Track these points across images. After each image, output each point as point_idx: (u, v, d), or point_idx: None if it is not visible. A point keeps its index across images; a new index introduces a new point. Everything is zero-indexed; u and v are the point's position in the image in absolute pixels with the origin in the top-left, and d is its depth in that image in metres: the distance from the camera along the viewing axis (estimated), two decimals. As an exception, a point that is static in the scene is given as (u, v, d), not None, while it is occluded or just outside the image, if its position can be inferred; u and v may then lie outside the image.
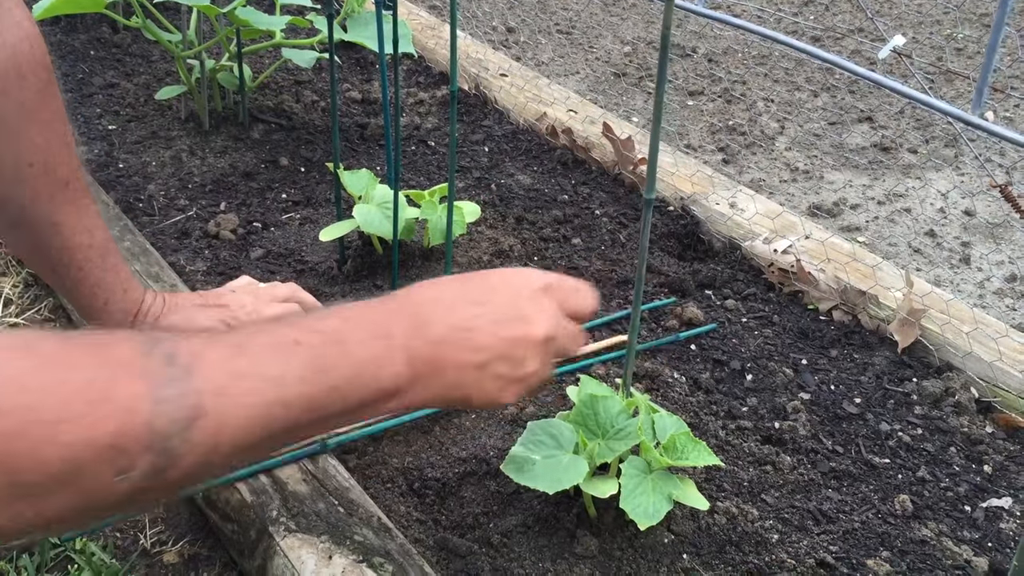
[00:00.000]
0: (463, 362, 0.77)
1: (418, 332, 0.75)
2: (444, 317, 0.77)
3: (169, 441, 0.57)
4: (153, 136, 1.83)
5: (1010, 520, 1.11)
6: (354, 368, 0.70)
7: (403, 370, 0.73)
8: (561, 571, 0.99)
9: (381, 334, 0.72)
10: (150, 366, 0.58)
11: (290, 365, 0.65)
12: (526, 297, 0.81)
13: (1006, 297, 1.86)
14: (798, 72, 2.81)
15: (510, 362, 0.79)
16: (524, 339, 0.80)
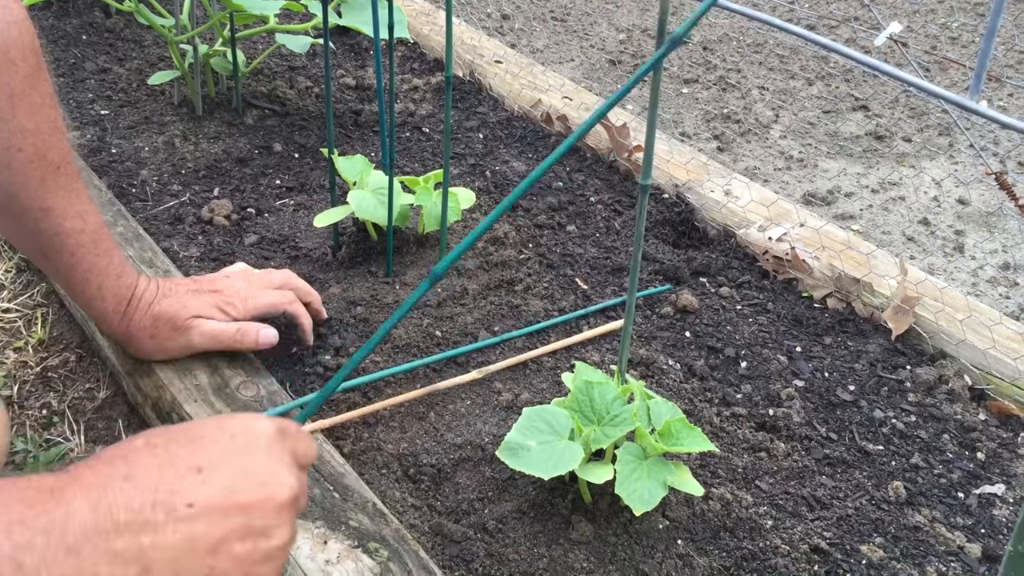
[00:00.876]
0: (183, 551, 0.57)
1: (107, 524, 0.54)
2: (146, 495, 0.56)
3: None
4: (146, 121, 1.82)
5: (1003, 507, 1.12)
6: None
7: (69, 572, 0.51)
8: (556, 557, 0.99)
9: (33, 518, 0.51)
10: None
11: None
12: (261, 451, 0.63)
13: (999, 285, 1.86)
14: (793, 60, 2.81)
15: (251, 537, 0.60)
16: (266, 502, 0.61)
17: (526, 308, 1.37)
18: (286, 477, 0.63)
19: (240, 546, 0.59)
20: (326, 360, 1.24)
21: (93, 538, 0.53)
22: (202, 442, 0.61)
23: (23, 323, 1.40)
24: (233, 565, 0.59)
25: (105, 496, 0.55)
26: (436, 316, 1.34)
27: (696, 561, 1.00)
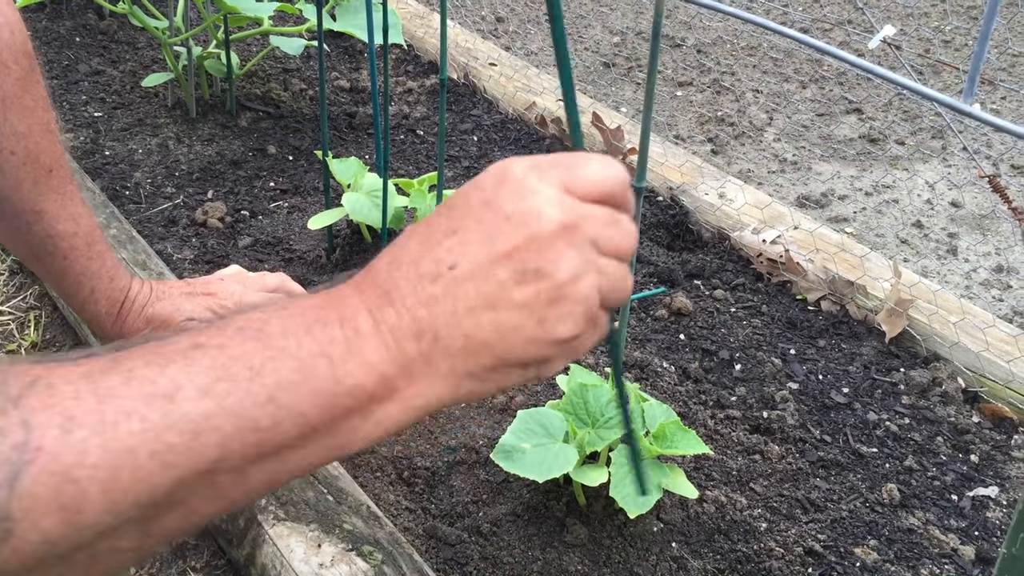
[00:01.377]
0: (460, 311, 0.54)
1: (385, 301, 0.54)
2: (412, 271, 0.55)
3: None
4: (140, 123, 1.82)
5: (996, 509, 1.12)
6: (297, 366, 0.50)
7: (379, 355, 0.52)
8: (551, 559, 0.99)
9: (330, 319, 0.53)
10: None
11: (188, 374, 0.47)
12: (512, 191, 0.56)
13: (992, 288, 1.87)
14: (787, 63, 2.82)
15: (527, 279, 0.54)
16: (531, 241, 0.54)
17: (520, 311, 1.36)
18: (545, 208, 0.55)
19: (518, 292, 0.54)
20: (320, 363, 1.23)
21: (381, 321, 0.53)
22: (456, 204, 0.57)
23: (16, 326, 1.39)
24: (520, 314, 0.54)
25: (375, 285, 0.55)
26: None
27: (690, 564, 1.00)
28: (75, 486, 0.42)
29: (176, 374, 0.47)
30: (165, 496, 0.46)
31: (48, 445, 0.42)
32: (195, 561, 1.05)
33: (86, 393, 0.44)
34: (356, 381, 0.51)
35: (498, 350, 0.54)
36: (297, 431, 0.49)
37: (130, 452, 0.44)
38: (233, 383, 0.48)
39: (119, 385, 0.45)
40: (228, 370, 0.48)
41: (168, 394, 0.46)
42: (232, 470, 0.48)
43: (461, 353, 0.54)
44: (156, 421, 0.45)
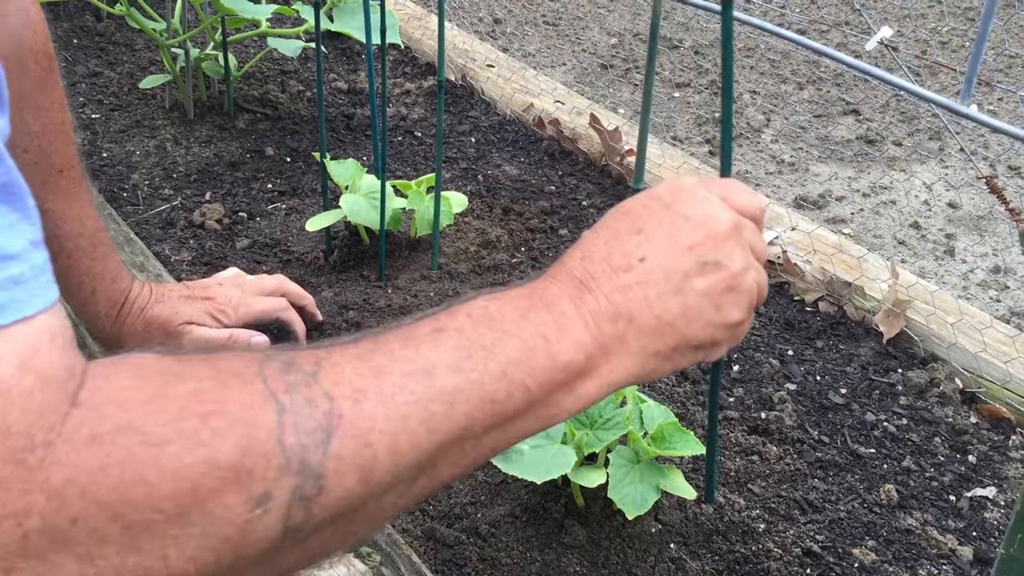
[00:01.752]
0: (652, 297, 0.62)
1: (584, 289, 0.62)
2: (604, 263, 0.63)
3: (307, 456, 0.47)
4: (137, 125, 1.82)
5: (994, 509, 1.12)
6: (521, 345, 0.56)
7: (584, 335, 0.59)
8: (549, 561, 0.99)
9: (539, 306, 0.60)
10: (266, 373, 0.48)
11: (438, 353, 0.54)
12: (687, 199, 0.67)
13: (990, 289, 1.87)
14: (784, 64, 2.82)
15: (707, 271, 0.64)
16: (708, 239, 0.64)
17: (518, 312, 1.36)
18: (719, 212, 0.66)
19: (701, 281, 0.64)
20: (318, 364, 1.23)
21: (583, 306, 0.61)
22: (635, 210, 0.67)
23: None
24: (702, 299, 0.63)
25: (571, 276, 0.63)
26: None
27: (689, 565, 1.00)
28: (369, 449, 0.49)
29: (429, 354, 0.54)
30: (428, 459, 0.52)
31: (347, 413, 0.49)
32: (193, 563, 1.05)
33: (364, 371, 0.51)
34: (569, 358, 0.58)
35: (683, 331, 0.63)
36: (523, 402, 0.56)
37: (405, 419, 0.51)
38: (474, 361, 0.55)
39: (387, 364, 0.52)
40: (469, 350, 0.55)
41: (427, 370, 0.53)
42: (473, 437, 0.55)
43: (651, 333, 0.62)
44: (421, 393, 0.52)
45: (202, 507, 0.44)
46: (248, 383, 0.48)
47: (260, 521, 0.45)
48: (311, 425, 0.47)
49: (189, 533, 0.44)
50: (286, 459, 0.46)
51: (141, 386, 0.45)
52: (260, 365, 0.49)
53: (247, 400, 0.47)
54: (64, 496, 0.41)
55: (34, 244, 0.45)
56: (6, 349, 0.41)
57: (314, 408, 0.48)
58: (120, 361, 0.47)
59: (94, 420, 0.43)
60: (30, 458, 0.41)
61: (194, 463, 0.44)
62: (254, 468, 0.45)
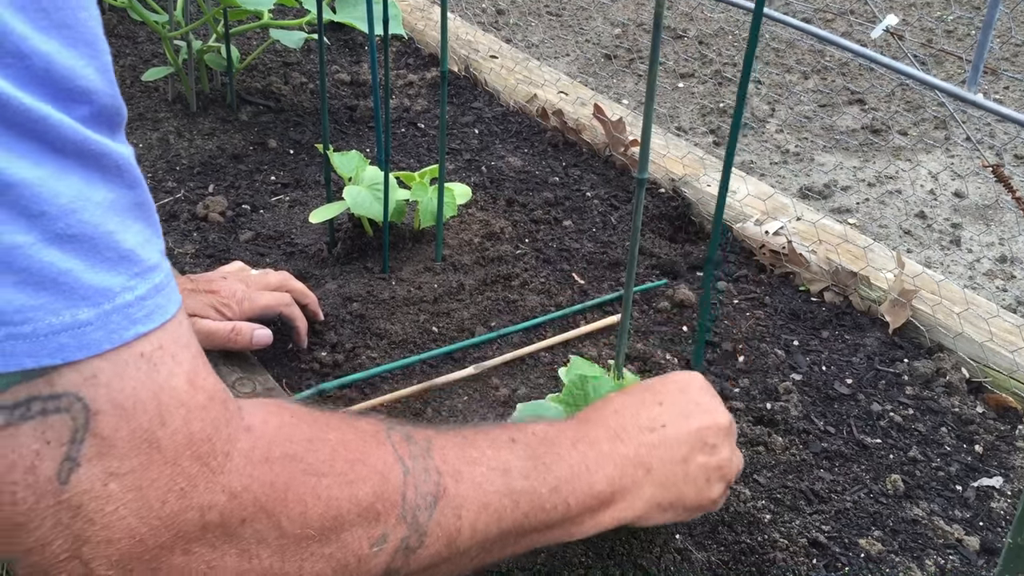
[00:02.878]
0: (667, 458, 0.77)
1: (617, 437, 0.75)
2: (634, 421, 0.78)
3: (419, 515, 0.57)
4: (140, 118, 1.81)
5: (1001, 499, 1.12)
6: (570, 469, 0.69)
7: (614, 473, 0.73)
8: (554, 552, 0.99)
9: (585, 440, 0.73)
10: (393, 439, 0.59)
11: (512, 459, 0.66)
12: (697, 390, 0.84)
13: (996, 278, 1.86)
14: (789, 54, 2.81)
15: (707, 451, 0.80)
16: (712, 426, 0.81)
17: (523, 303, 1.36)
18: (722, 408, 0.83)
19: (701, 457, 0.79)
20: (322, 357, 1.23)
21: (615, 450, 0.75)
22: (655, 388, 0.83)
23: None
24: (698, 471, 0.78)
25: (607, 425, 0.77)
26: (432, 312, 1.33)
27: (694, 555, 1.00)
28: (459, 521, 0.60)
29: (507, 458, 0.66)
30: (490, 542, 0.64)
31: (449, 489, 0.60)
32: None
33: (463, 458, 0.63)
34: (601, 488, 0.72)
35: (681, 489, 0.78)
36: (560, 516, 0.69)
37: (486, 506, 0.62)
38: (537, 472, 0.67)
39: (478, 457, 0.64)
40: (535, 462, 0.68)
41: (506, 471, 0.65)
42: (521, 533, 0.66)
43: (659, 484, 0.76)
44: (500, 488, 0.64)
45: (339, 534, 0.53)
46: (381, 444, 0.58)
47: (375, 557, 0.55)
48: (426, 490, 0.58)
49: (323, 553, 0.53)
50: (404, 512, 0.56)
51: (302, 426, 0.55)
52: (387, 432, 0.60)
53: (382, 456, 0.57)
54: (241, 500, 0.50)
55: (163, 254, 0.54)
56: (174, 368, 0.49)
57: (428, 476, 0.59)
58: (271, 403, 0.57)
59: (266, 445, 0.53)
60: (212, 462, 0.50)
61: (341, 497, 0.54)
62: (381, 512, 0.55)
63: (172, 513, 0.48)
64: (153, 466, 0.48)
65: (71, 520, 0.46)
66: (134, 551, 0.48)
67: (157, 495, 0.48)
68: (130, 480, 0.47)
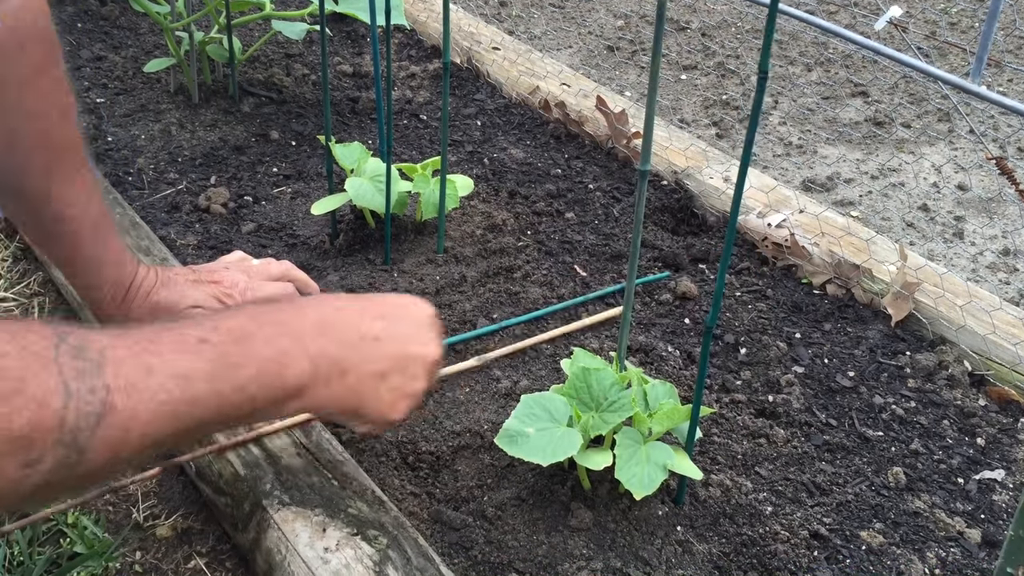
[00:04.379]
0: (366, 369, 0.81)
1: (325, 333, 0.78)
2: (351, 323, 0.81)
3: (78, 435, 0.57)
4: (142, 109, 1.81)
5: (1003, 492, 1.12)
6: (260, 367, 0.72)
7: (307, 368, 0.76)
8: (555, 543, 0.99)
9: (288, 332, 0.76)
10: (62, 357, 0.58)
11: (196, 364, 0.67)
12: (422, 321, 0.88)
13: (999, 271, 1.86)
14: (792, 46, 2.80)
15: (406, 377, 0.84)
16: (421, 357, 0.85)
17: (525, 295, 1.36)
18: (434, 345, 0.87)
19: (398, 380, 0.83)
20: (324, 348, 1.23)
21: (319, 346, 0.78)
22: (384, 303, 0.87)
23: (20, 312, 1.39)
24: (390, 392, 0.83)
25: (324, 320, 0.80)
26: (435, 303, 1.33)
27: (696, 547, 1.00)
28: (126, 435, 0.61)
29: (191, 363, 0.67)
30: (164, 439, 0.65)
31: (118, 405, 0.60)
32: (200, 546, 1.05)
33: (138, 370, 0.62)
34: (292, 383, 0.75)
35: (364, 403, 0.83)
36: (246, 411, 0.72)
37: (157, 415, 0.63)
38: (225, 372, 0.69)
39: (158, 366, 0.64)
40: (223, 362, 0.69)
41: (187, 376, 0.66)
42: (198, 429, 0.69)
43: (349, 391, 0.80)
44: (176, 396, 0.64)
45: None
46: (46, 365, 0.57)
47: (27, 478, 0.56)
48: (88, 410, 0.58)
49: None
50: (62, 436, 0.56)
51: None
52: (56, 347, 0.58)
53: (44, 382, 0.56)
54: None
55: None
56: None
57: (94, 395, 0.58)
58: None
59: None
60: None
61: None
62: (36, 440, 0.55)
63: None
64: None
65: None
66: None
67: None
68: None
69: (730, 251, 0.88)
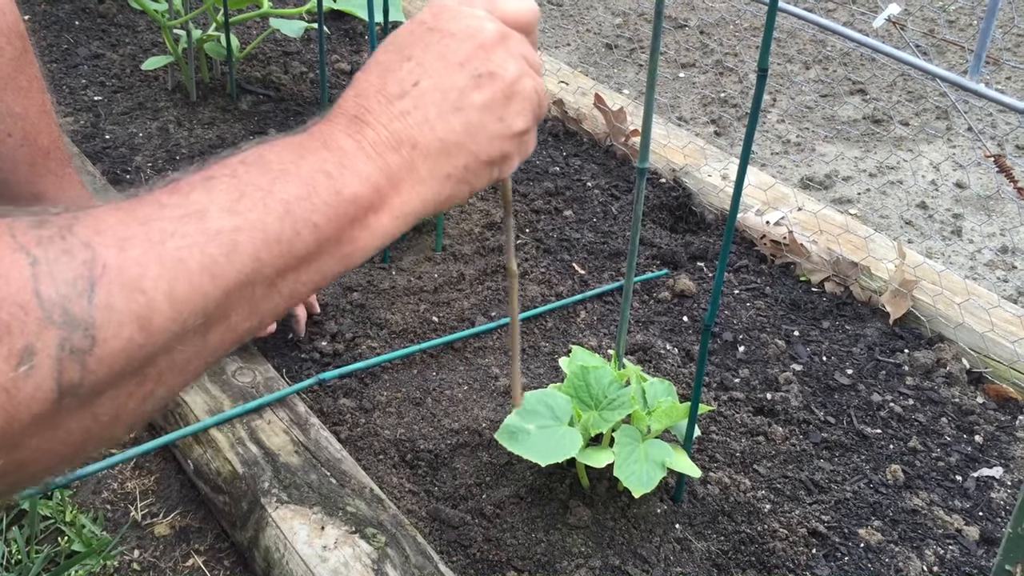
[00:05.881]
0: (433, 117, 0.61)
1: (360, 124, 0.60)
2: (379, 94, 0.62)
3: (69, 306, 0.44)
4: (140, 107, 1.81)
5: (1001, 489, 1.12)
6: (301, 184, 0.55)
7: (368, 167, 0.58)
8: (554, 541, 0.99)
9: (316, 145, 0.58)
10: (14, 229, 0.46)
11: (210, 197, 0.52)
12: (449, 17, 0.65)
13: (997, 269, 1.86)
14: (790, 44, 2.80)
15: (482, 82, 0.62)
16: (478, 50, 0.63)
17: (523, 293, 1.36)
18: (483, 23, 0.64)
19: (478, 95, 0.62)
20: (322, 346, 1.23)
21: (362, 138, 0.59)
22: (402, 39, 0.65)
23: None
24: (483, 113, 0.62)
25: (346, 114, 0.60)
26: (433, 301, 1.33)
27: (694, 545, 1.00)
28: (144, 295, 0.46)
29: (200, 198, 0.51)
30: (216, 306, 0.50)
31: (112, 261, 0.46)
32: (199, 544, 1.05)
33: (129, 220, 0.48)
34: (354, 191, 0.56)
35: (470, 147, 0.61)
36: (313, 240, 0.54)
37: (182, 263, 0.48)
38: (251, 200, 0.52)
39: (154, 212, 0.49)
40: (243, 191, 0.52)
41: (199, 213, 0.50)
42: (265, 281, 0.52)
43: (438, 155, 0.60)
44: (196, 237, 0.49)
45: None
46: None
47: (29, 378, 0.43)
48: (70, 275, 0.45)
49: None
50: (45, 311, 0.44)
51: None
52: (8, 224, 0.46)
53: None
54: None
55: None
56: None
57: (72, 258, 0.45)
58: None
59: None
60: None
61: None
62: (11, 321, 0.43)
63: None
64: None
65: None
66: None
67: None
68: None
69: (729, 249, 0.88)
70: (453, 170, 0.61)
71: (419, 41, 0.64)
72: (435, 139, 0.60)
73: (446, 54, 0.62)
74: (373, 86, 0.62)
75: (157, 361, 0.48)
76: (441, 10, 0.65)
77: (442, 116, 0.61)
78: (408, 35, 0.65)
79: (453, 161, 0.61)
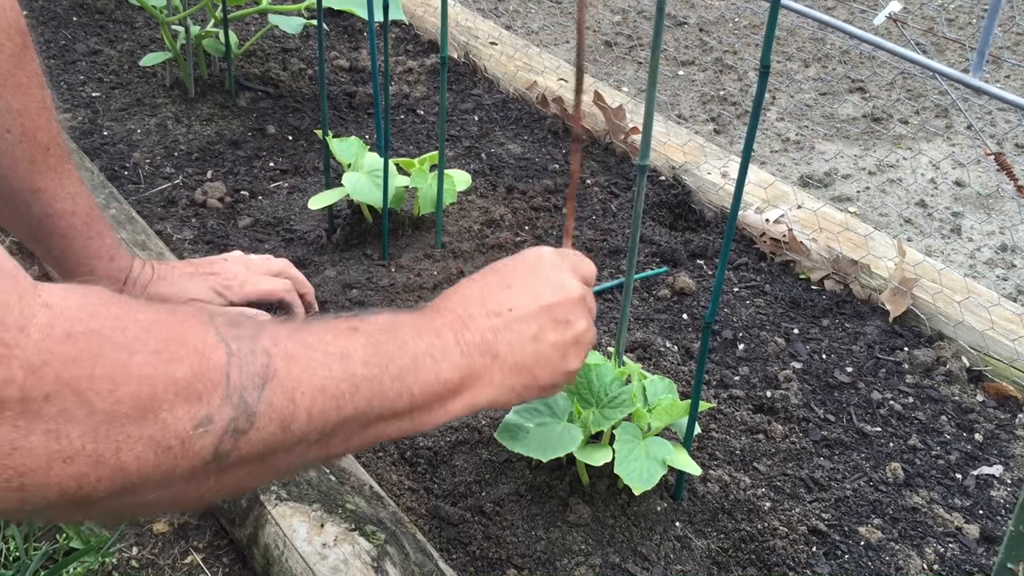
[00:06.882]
0: (515, 341, 0.76)
1: (462, 326, 0.74)
2: (481, 307, 0.76)
3: (246, 395, 0.54)
4: (138, 103, 1.80)
5: (1001, 488, 1.12)
6: (413, 358, 0.68)
7: (461, 361, 0.72)
8: (554, 539, 0.99)
9: (429, 331, 0.72)
10: (217, 322, 0.56)
11: (352, 346, 0.64)
12: (548, 266, 0.82)
13: (997, 267, 1.86)
14: (789, 42, 2.79)
15: (559, 326, 0.78)
16: (564, 301, 0.79)
17: (523, 290, 1.36)
18: (573, 282, 0.81)
19: (553, 334, 0.78)
20: (322, 343, 1.23)
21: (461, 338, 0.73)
22: (505, 269, 0.81)
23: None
24: (551, 350, 0.78)
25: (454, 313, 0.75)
26: (432, 298, 1.33)
27: (694, 543, 1.00)
28: (293, 405, 0.57)
29: (346, 344, 0.64)
30: (331, 428, 0.61)
31: (280, 371, 0.57)
32: (197, 541, 1.05)
33: (296, 341, 0.60)
34: (447, 376, 0.70)
35: (535, 372, 0.77)
36: (408, 403, 0.67)
37: (322, 390, 0.60)
38: (379, 359, 0.65)
39: (314, 342, 0.62)
40: (376, 350, 0.65)
41: (344, 356, 0.63)
42: (365, 423, 0.64)
43: (510, 370, 0.75)
44: (337, 373, 0.61)
45: (156, 414, 0.51)
46: (201, 325, 0.55)
47: (199, 439, 0.52)
48: (252, 371, 0.55)
49: (141, 434, 0.50)
50: (229, 392, 0.54)
51: (109, 305, 0.52)
52: (210, 316, 0.57)
53: (202, 337, 0.54)
54: (41, 375, 0.47)
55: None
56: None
57: (255, 358, 0.56)
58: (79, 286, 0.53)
59: (67, 321, 0.49)
60: (5, 336, 0.47)
61: (155, 376, 0.51)
62: (203, 392, 0.52)
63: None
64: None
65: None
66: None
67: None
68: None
69: (729, 246, 0.88)
70: (516, 384, 0.76)
71: (519, 278, 0.80)
72: (512, 357, 0.75)
73: (539, 295, 0.78)
74: (476, 297, 0.77)
75: (276, 456, 0.58)
76: (540, 257, 0.83)
77: (522, 342, 0.76)
78: (512, 269, 0.81)
79: (519, 378, 0.76)
